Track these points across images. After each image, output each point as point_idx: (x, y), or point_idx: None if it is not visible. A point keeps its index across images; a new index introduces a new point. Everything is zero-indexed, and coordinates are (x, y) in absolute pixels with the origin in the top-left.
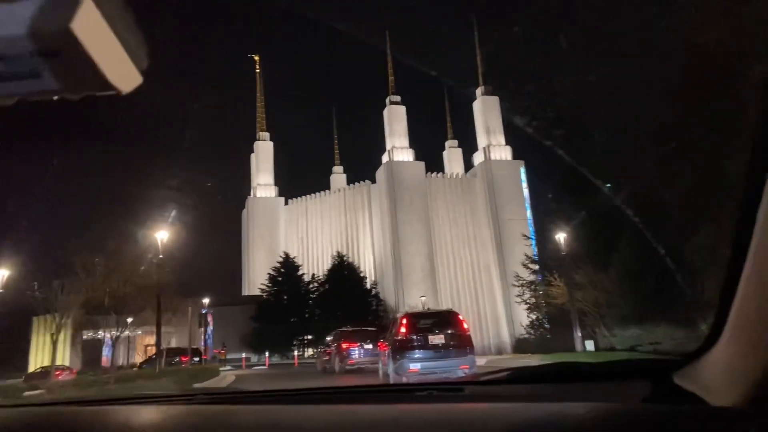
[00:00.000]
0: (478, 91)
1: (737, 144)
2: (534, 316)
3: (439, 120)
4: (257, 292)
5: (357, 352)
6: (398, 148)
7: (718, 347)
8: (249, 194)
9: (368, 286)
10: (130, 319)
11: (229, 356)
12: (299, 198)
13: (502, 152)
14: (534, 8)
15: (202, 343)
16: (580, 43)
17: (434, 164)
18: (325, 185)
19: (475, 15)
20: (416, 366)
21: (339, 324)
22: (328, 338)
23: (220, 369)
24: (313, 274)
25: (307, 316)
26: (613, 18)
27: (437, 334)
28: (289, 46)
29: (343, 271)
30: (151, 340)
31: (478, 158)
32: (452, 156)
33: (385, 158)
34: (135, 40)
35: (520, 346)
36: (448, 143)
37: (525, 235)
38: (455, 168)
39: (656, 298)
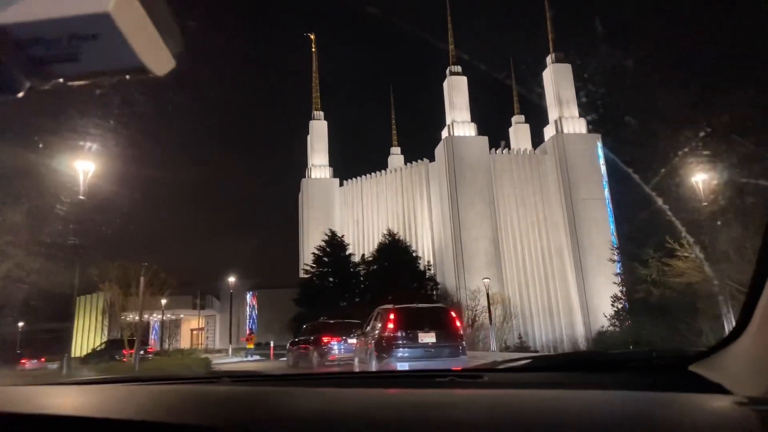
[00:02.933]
0: (549, 58)
1: None
2: (619, 305)
3: (504, 95)
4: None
5: (339, 347)
6: (459, 123)
7: (744, 338)
8: (305, 176)
9: (422, 267)
10: (164, 301)
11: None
12: (354, 179)
13: (576, 125)
14: None
15: (247, 327)
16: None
17: (499, 142)
18: (381, 167)
19: None
20: (404, 366)
21: None
22: (303, 331)
23: (214, 361)
24: (363, 255)
25: (357, 300)
26: None
27: (428, 331)
28: (344, 24)
29: (394, 250)
30: (197, 323)
31: (548, 132)
32: (519, 133)
33: (444, 134)
34: (169, 23)
35: (602, 339)
36: (514, 118)
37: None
38: (522, 145)
39: None
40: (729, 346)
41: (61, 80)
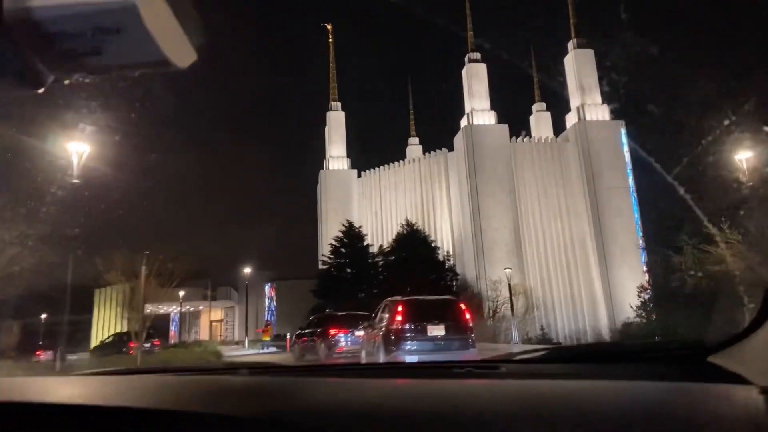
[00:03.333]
0: (570, 44)
1: None
2: (646, 296)
3: (524, 83)
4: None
5: (346, 339)
6: (478, 111)
7: (765, 329)
8: (323, 167)
9: (441, 258)
10: (182, 293)
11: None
12: (372, 170)
13: (599, 112)
14: None
15: (266, 318)
16: None
17: (519, 131)
18: (399, 158)
19: None
20: (413, 359)
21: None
22: (309, 323)
23: (227, 353)
24: (381, 246)
25: (375, 291)
26: None
27: (437, 324)
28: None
29: (413, 240)
30: (216, 315)
31: (570, 120)
32: (540, 121)
33: (463, 122)
34: (191, 16)
35: (628, 331)
36: (535, 106)
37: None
38: (544, 134)
39: None
40: (749, 336)
41: (84, 74)
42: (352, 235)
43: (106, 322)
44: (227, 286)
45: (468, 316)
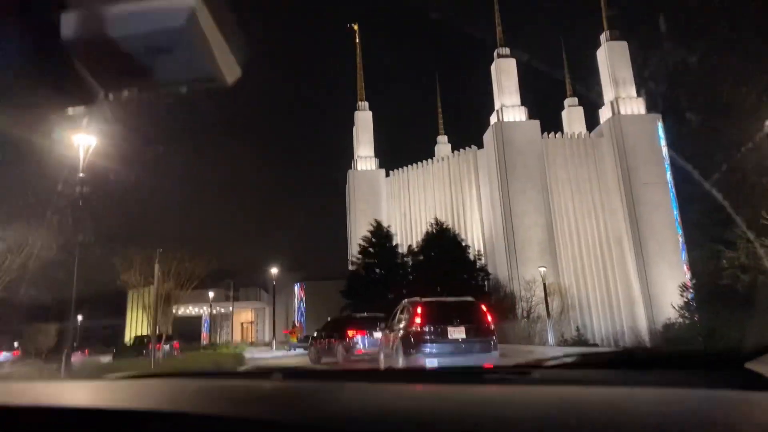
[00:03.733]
0: (603, 36)
1: None
2: (689, 296)
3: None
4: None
5: (364, 341)
6: (508, 107)
7: None
8: (351, 168)
9: (472, 257)
10: (211, 294)
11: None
12: (400, 169)
13: (634, 105)
14: None
15: (295, 319)
16: None
17: (551, 127)
18: (428, 157)
19: None
20: (433, 362)
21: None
22: (326, 326)
23: (251, 356)
24: (409, 246)
25: (405, 292)
26: None
27: (458, 325)
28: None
29: (442, 240)
30: (247, 316)
31: (604, 114)
32: (572, 116)
33: (493, 119)
34: (236, 35)
35: (669, 333)
36: (567, 101)
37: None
38: (576, 129)
39: None
40: None
41: (134, 90)
42: (380, 235)
43: (139, 324)
44: (257, 287)
45: (490, 317)
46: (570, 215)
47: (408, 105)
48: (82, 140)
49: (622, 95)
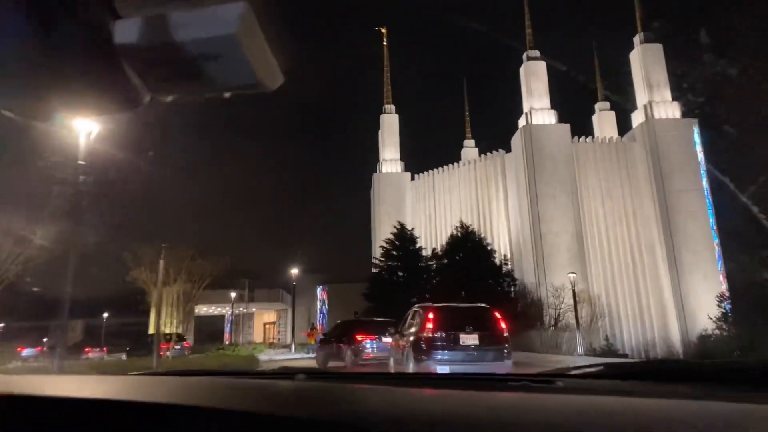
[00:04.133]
0: (637, 38)
1: None
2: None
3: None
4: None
5: (373, 346)
6: (537, 110)
7: None
8: (376, 171)
9: (498, 262)
10: (233, 294)
11: None
12: (426, 173)
13: (669, 110)
14: None
15: (316, 321)
16: None
17: (581, 132)
18: (454, 161)
19: None
20: (444, 369)
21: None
22: (334, 329)
23: (268, 357)
24: (433, 249)
25: (428, 296)
26: None
27: (470, 332)
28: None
29: (468, 243)
30: (271, 317)
31: (637, 118)
32: (603, 120)
33: (521, 122)
34: (281, 42)
35: (705, 345)
36: (597, 105)
37: None
38: (607, 134)
39: None
40: None
41: (181, 95)
42: (404, 238)
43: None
44: (280, 288)
45: (504, 325)
46: (600, 222)
47: (435, 108)
48: (82, 126)
49: (656, 99)
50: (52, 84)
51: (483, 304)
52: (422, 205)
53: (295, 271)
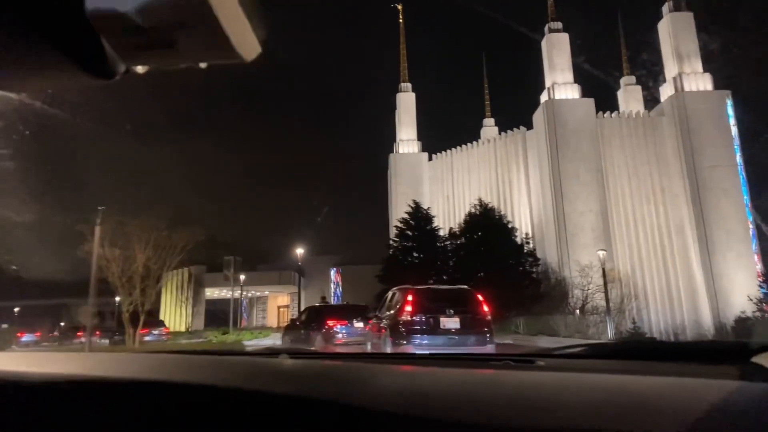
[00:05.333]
0: (665, 7)
1: None
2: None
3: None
4: None
5: (344, 331)
6: (560, 85)
7: None
8: (392, 151)
9: (519, 241)
10: (242, 277)
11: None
12: (444, 152)
13: (700, 81)
14: None
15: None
16: None
17: (606, 108)
18: (473, 140)
19: None
20: (424, 354)
21: (480, 286)
22: (302, 314)
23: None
24: (450, 229)
25: (445, 278)
26: None
27: (451, 315)
28: None
29: (487, 221)
30: (284, 300)
31: (665, 92)
32: (629, 96)
33: (543, 97)
34: (257, 10)
35: (743, 328)
36: (623, 80)
37: None
38: (634, 110)
39: None
40: None
41: (155, 65)
42: (419, 217)
43: (171, 307)
44: (292, 270)
45: (486, 307)
46: (626, 200)
47: (452, 87)
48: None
49: (686, 70)
50: (24, 55)
51: (465, 286)
52: (440, 185)
53: (300, 251)
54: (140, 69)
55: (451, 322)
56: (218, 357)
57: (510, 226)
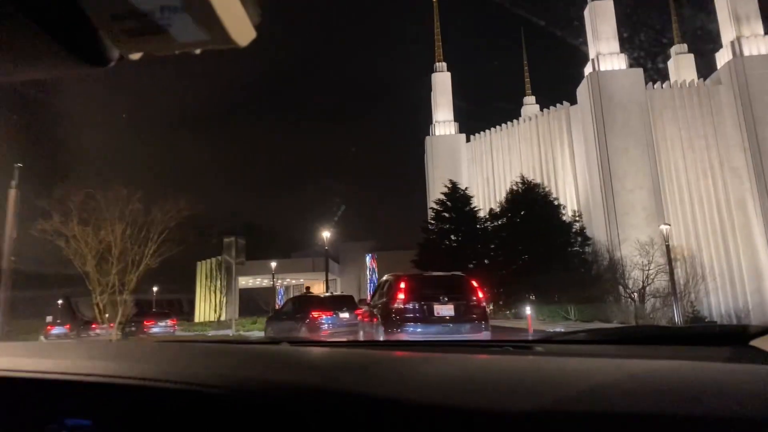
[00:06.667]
0: None
1: None
2: None
3: (659, 23)
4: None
5: (330, 321)
6: (605, 55)
7: None
8: (428, 134)
9: (567, 219)
10: (273, 264)
11: None
12: (482, 133)
13: (761, 45)
14: None
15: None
16: None
17: (654, 79)
18: (513, 119)
19: None
20: (422, 340)
21: (526, 271)
22: (285, 305)
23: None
24: (490, 209)
25: (487, 262)
26: None
27: (446, 303)
28: None
29: (530, 199)
30: (320, 287)
31: (722, 58)
32: (681, 65)
33: (587, 70)
34: None
35: None
36: (674, 49)
37: None
38: (686, 79)
39: None
40: None
41: (149, 51)
42: (456, 198)
43: (207, 297)
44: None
45: (481, 294)
46: (681, 176)
47: (489, 66)
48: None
49: (745, 33)
50: (17, 43)
51: (459, 273)
52: (479, 167)
53: (327, 234)
54: (134, 56)
55: (445, 309)
56: (222, 345)
57: (557, 203)
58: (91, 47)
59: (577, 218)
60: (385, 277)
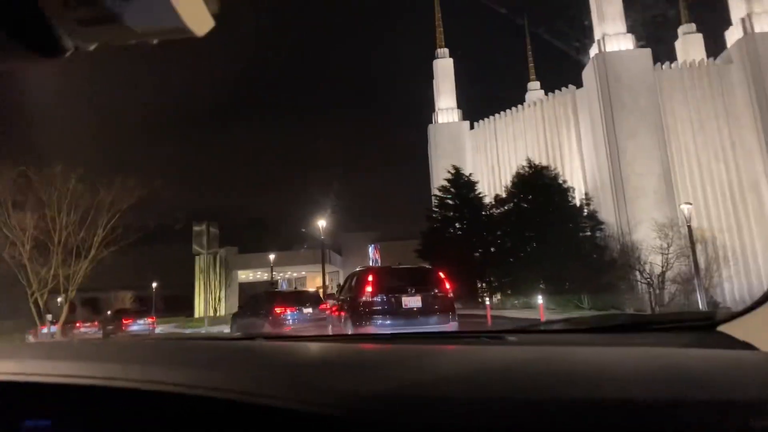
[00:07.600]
0: None
1: None
2: None
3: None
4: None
5: (294, 317)
6: (611, 36)
7: None
8: (431, 122)
9: (577, 203)
10: (272, 256)
11: None
12: (486, 119)
13: None
14: None
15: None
16: None
17: (663, 59)
18: (517, 104)
19: None
20: (394, 333)
21: (535, 259)
22: (249, 302)
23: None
24: (496, 195)
25: (493, 250)
26: None
27: (413, 295)
28: None
29: (537, 183)
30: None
31: (732, 36)
32: (689, 46)
33: (593, 51)
34: None
35: None
36: (681, 29)
37: None
38: (695, 59)
39: None
40: (760, 307)
41: (103, 41)
42: (460, 184)
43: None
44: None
45: (448, 285)
46: (692, 159)
47: (493, 50)
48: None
49: (756, 9)
50: None
51: (426, 265)
52: (483, 155)
53: (322, 223)
54: (89, 46)
55: (412, 301)
56: (199, 341)
57: (565, 185)
58: (43, 38)
59: (588, 202)
60: (352, 272)
